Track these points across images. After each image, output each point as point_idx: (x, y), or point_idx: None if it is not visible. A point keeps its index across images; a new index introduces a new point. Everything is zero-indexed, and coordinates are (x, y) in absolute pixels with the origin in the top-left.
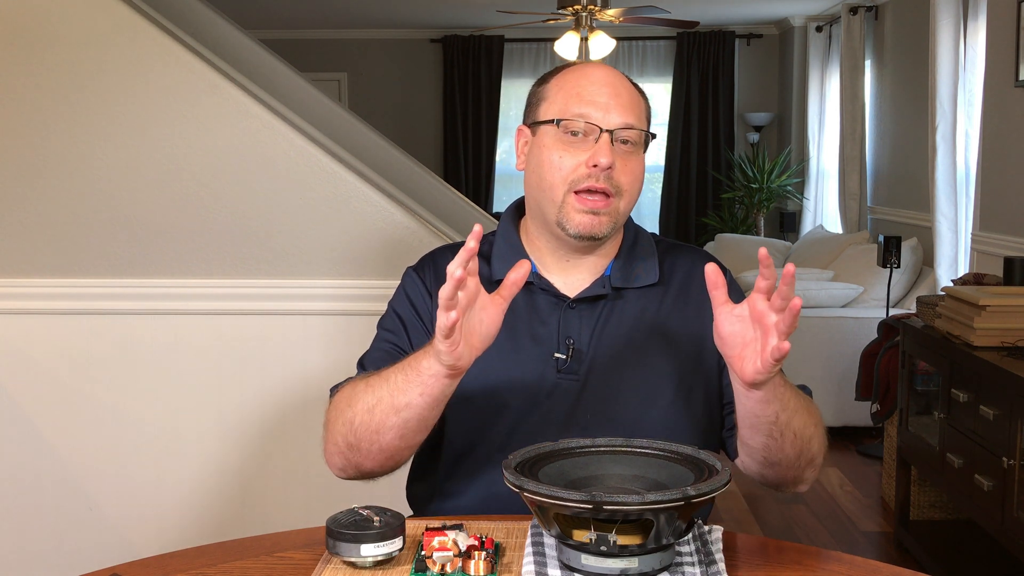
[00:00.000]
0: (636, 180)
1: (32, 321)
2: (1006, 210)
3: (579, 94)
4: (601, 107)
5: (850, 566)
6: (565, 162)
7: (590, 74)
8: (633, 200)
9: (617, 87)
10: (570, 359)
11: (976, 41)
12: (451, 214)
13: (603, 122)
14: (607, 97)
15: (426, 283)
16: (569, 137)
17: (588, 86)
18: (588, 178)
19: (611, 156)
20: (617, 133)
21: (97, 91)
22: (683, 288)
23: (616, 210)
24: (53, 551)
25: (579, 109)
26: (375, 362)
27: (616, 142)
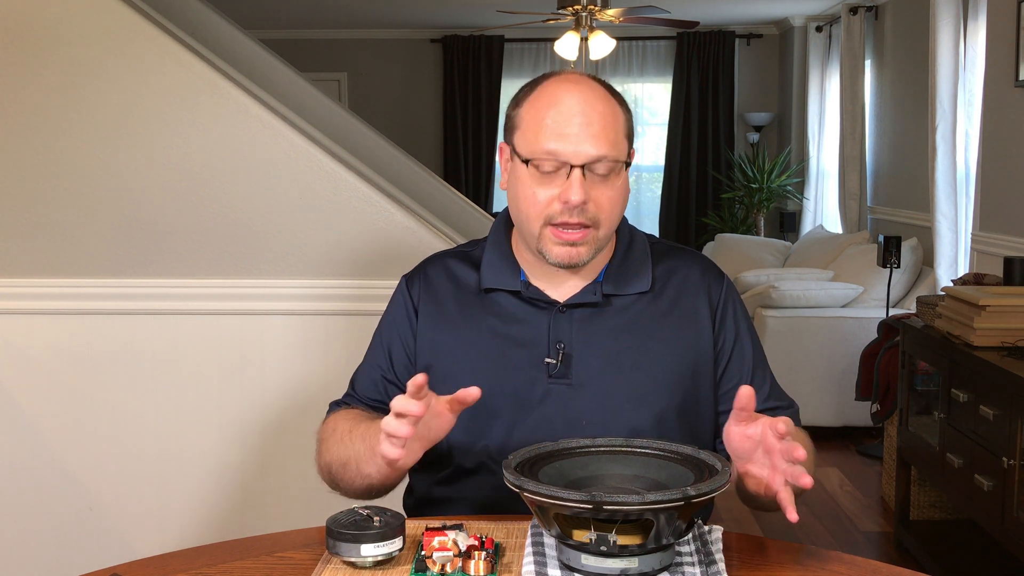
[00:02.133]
0: (615, 206)
1: (32, 321)
2: (1006, 210)
3: (548, 126)
4: (571, 140)
5: (850, 566)
6: (539, 197)
7: (560, 100)
8: (614, 223)
9: (588, 114)
10: (560, 364)
11: (976, 41)
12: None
13: (573, 158)
14: (577, 127)
15: (414, 299)
16: (542, 174)
17: (557, 116)
18: (562, 214)
19: (582, 192)
20: (589, 166)
21: (97, 91)
22: (678, 294)
23: (595, 238)
24: (53, 551)
25: (548, 146)
26: (364, 387)
27: (588, 173)
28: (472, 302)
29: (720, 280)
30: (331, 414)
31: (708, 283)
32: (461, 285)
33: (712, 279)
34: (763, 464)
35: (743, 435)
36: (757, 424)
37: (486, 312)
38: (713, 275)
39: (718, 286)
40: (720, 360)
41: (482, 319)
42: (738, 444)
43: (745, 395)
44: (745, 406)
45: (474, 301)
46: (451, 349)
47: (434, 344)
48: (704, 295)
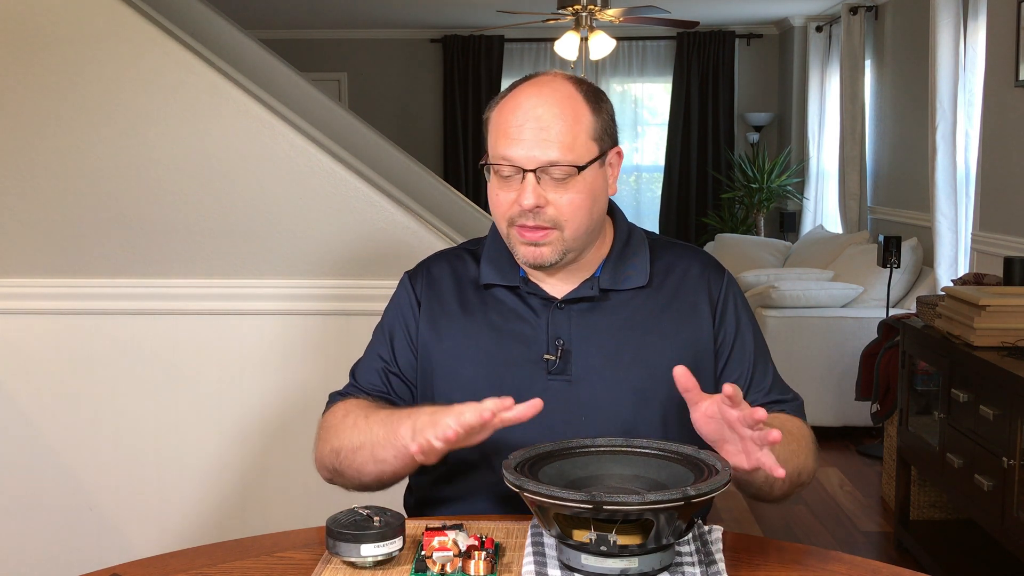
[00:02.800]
0: (576, 209)
1: (32, 321)
2: (1006, 210)
3: (506, 132)
4: (524, 145)
5: (850, 566)
6: (501, 199)
7: (518, 107)
8: (582, 225)
9: (543, 119)
10: (559, 360)
11: (976, 41)
12: (451, 214)
13: (524, 162)
14: (532, 132)
15: (416, 293)
16: (502, 178)
17: (513, 122)
18: (520, 216)
19: (535, 197)
20: (541, 170)
21: (97, 91)
22: (677, 289)
23: (560, 239)
24: (53, 551)
25: (504, 151)
26: (367, 377)
27: (544, 176)
28: (472, 298)
29: (720, 274)
30: (334, 403)
31: (708, 278)
32: (462, 281)
33: (712, 274)
34: (735, 441)
35: (704, 416)
36: (708, 400)
37: (486, 308)
38: (713, 270)
39: (718, 280)
40: (721, 354)
41: (482, 315)
42: (705, 428)
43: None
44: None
45: (474, 297)
46: (451, 345)
47: (435, 339)
48: (704, 290)
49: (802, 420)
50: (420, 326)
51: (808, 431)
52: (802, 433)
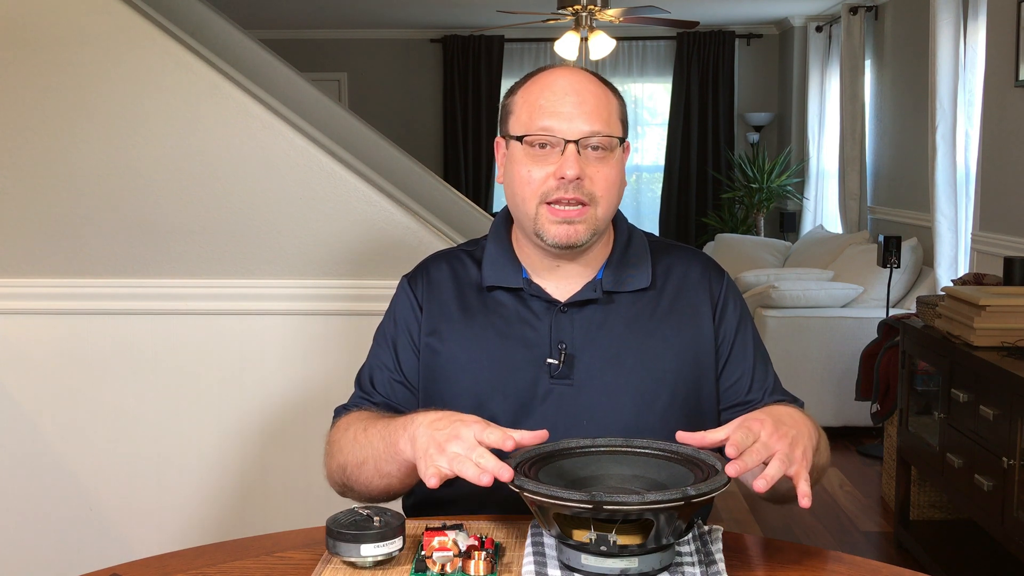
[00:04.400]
0: (611, 185)
1: (32, 321)
2: (1006, 210)
3: (542, 106)
4: (565, 117)
5: (850, 566)
6: (534, 175)
7: (553, 83)
8: (612, 205)
9: (582, 93)
10: (562, 364)
11: (976, 41)
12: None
13: (567, 133)
14: (571, 106)
15: (417, 296)
16: (537, 150)
17: (551, 96)
18: (558, 190)
19: (578, 167)
20: (583, 142)
21: (97, 92)
22: (678, 291)
23: (593, 217)
24: (53, 551)
25: (542, 122)
26: (369, 387)
27: (584, 150)
28: (474, 301)
29: (720, 276)
30: (339, 418)
31: (708, 279)
32: (463, 284)
33: (712, 275)
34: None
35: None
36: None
37: (488, 312)
38: (713, 271)
39: (718, 282)
40: (721, 356)
41: (484, 319)
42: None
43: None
44: (689, 440)
45: (476, 300)
46: (453, 349)
47: (437, 344)
48: (705, 292)
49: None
50: (422, 329)
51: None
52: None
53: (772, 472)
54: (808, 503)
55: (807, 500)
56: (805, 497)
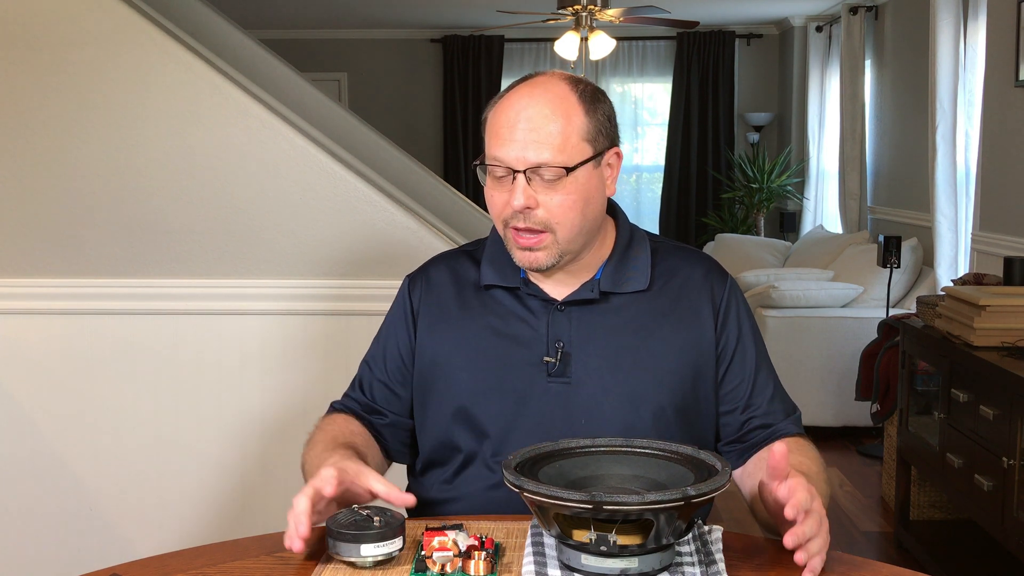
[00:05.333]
0: (568, 210)
1: (32, 321)
2: (1006, 210)
3: (498, 134)
4: (515, 146)
5: (850, 566)
6: (495, 201)
7: (510, 108)
8: (575, 227)
9: (534, 120)
10: (559, 363)
11: (976, 41)
12: (451, 214)
13: (515, 163)
14: (523, 133)
15: (413, 301)
16: (495, 178)
17: (505, 123)
18: (513, 217)
19: (525, 198)
20: (531, 172)
21: (97, 91)
22: (679, 293)
23: (553, 242)
24: (53, 551)
25: (496, 152)
26: (358, 388)
27: (535, 178)
28: (472, 300)
29: (723, 280)
30: (326, 416)
31: (711, 283)
32: (462, 283)
33: (715, 279)
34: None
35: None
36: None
37: (486, 310)
38: (716, 275)
39: (721, 286)
40: (722, 361)
41: (482, 317)
42: (774, 508)
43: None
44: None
45: (474, 299)
46: (451, 348)
47: (435, 344)
48: (707, 295)
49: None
50: (419, 334)
51: (815, 451)
52: (817, 460)
53: (814, 548)
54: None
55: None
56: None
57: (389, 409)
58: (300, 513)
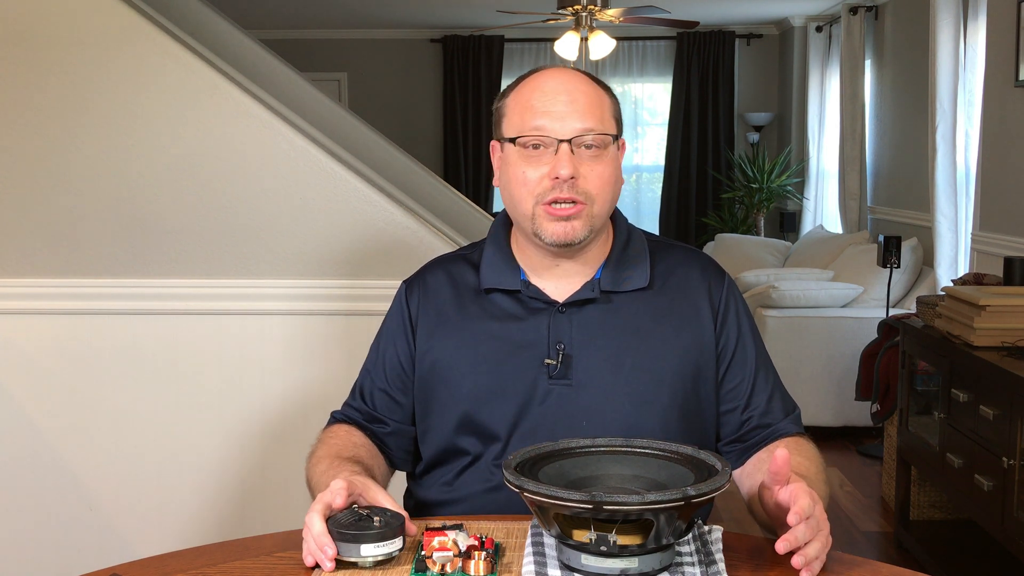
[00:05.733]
0: (606, 183)
1: (32, 321)
2: (1006, 210)
3: (534, 107)
4: (556, 116)
5: (850, 566)
6: (529, 176)
7: (544, 83)
8: (608, 202)
9: (573, 92)
10: (560, 364)
11: (976, 41)
12: (451, 214)
13: (559, 132)
14: (563, 105)
15: (411, 308)
16: (530, 151)
17: (542, 96)
18: (553, 190)
19: (571, 166)
20: (576, 140)
21: (97, 91)
22: (678, 292)
23: (590, 214)
24: (53, 551)
25: (535, 122)
26: (358, 397)
27: (577, 148)
28: (472, 305)
29: (721, 279)
30: (328, 427)
31: (709, 282)
32: (461, 289)
33: (713, 277)
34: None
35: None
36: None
37: (485, 314)
38: (714, 273)
39: (719, 285)
40: (722, 360)
41: (482, 322)
42: (774, 512)
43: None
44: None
45: (473, 304)
46: (452, 354)
47: (435, 350)
48: (705, 294)
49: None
50: (418, 341)
51: (815, 450)
52: (816, 461)
53: (812, 552)
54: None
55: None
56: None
57: (391, 417)
58: (320, 535)
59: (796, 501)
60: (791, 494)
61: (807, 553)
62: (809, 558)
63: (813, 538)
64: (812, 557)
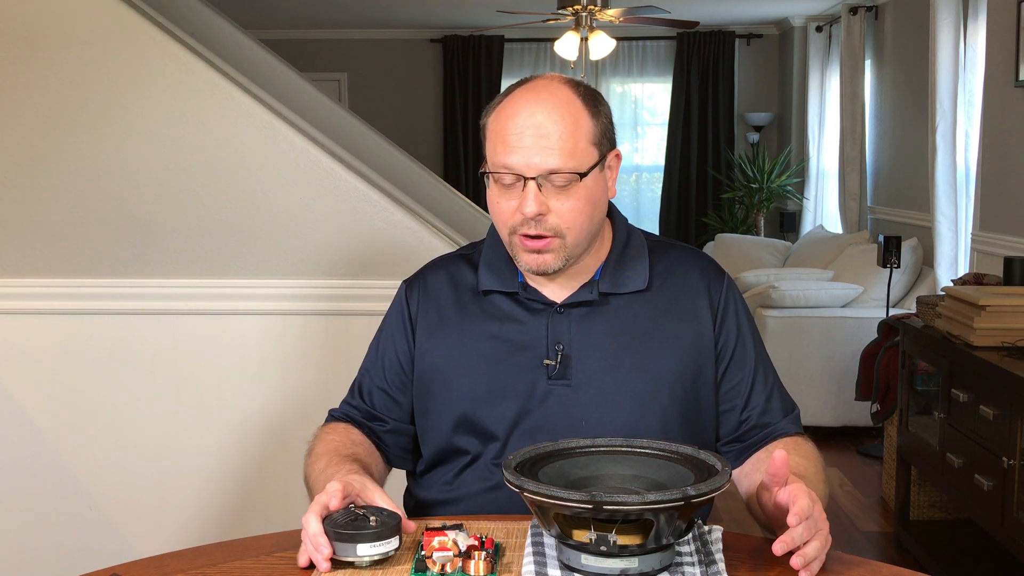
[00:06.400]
0: (578, 215)
1: (32, 321)
2: (1006, 210)
3: (505, 140)
4: (524, 154)
5: (850, 566)
6: (503, 208)
7: (516, 114)
8: (584, 231)
9: (543, 126)
10: (559, 365)
11: (976, 41)
12: (451, 214)
13: (526, 170)
14: (532, 139)
15: (411, 308)
16: (502, 186)
17: (512, 130)
18: (523, 225)
19: (537, 204)
20: (542, 178)
21: (97, 91)
22: (677, 292)
23: (562, 247)
24: (53, 551)
25: (504, 159)
26: (357, 395)
27: (546, 183)
28: (471, 305)
29: (720, 278)
30: (325, 425)
31: (708, 281)
32: (460, 289)
33: (712, 277)
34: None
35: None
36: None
37: (484, 315)
38: (713, 273)
39: (718, 284)
40: (722, 360)
41: (481, 322)
42: (773, 513)
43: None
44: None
45: (473, 304)
46: (451, 354)
47: (434, 350)
48: (704, 294)
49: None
50: (418, 341)
51: (814, 449)
52: (814, 460)
53: (811, 552)
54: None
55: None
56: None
57: (389, 416)
58: (316, 535)
59: (795, 502)
60: (790, 495)
61: (806, 553)
62: (808, 558)
63: (812, 538)
64: (811, 557)
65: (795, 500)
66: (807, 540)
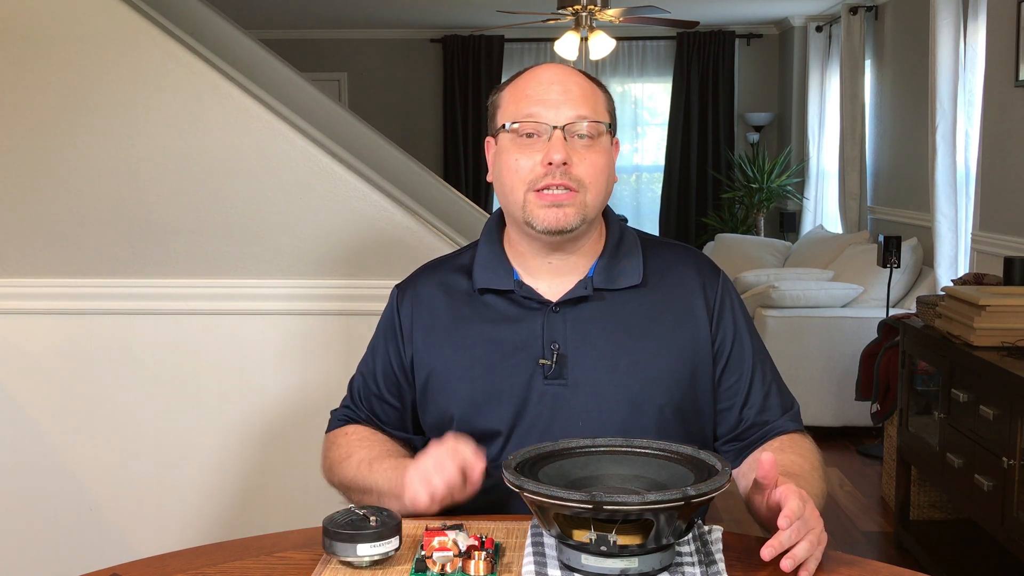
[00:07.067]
0: (599, 172)
1: (32, 321)
2: (1006, 210)
3: (528, 95)
4: (551, 104)
5: (850, 566)
6: (522, 163)
7: (539, 75)
8: (600, 192)
9: (567, 83)
10: (555, 364)
11: (976, 41)
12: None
13: (554, 119)
14: (556, 94)
15: (402, 315)
16: (524, 139)
17: (536, 87)
18: (545, 176)
19: (564, 152)
20: (570, 128)
21: (97, 91)
22: (673, 290)
23: (582, 203)
24: (53, 551)
25: (529, 109)
26: (355, 399)
27: (571, 137)
28: (465, 308)
29: (716, 276)
30: (337, 427)
31: (703, 279)
32: (453, 293)
33: (708, 275)
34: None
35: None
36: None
37: (479, 317)
38: (708, 271)
39: (714, 282)
40: (719, 358)
41: (476, 325)
42: (767, 515)
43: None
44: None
45: (467, 307)
46: (447, 358)
47: (431, 356)
48: (700, 292)
49: (801, 433)
50: (414, 347)
51: (811, 446)
52: (811, 457)
53: (800, 553)
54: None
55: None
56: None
57: (385, 421)
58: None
59: (785, 503)
60: (781, 496)
61: (796, 555)
62: (798, 559)
63: (802, 539)
64: (801, 558)
65: (785, 502)
66: (796, 542)
